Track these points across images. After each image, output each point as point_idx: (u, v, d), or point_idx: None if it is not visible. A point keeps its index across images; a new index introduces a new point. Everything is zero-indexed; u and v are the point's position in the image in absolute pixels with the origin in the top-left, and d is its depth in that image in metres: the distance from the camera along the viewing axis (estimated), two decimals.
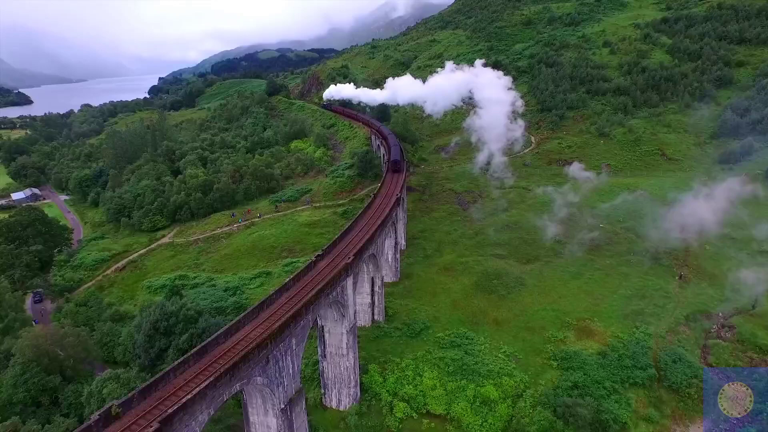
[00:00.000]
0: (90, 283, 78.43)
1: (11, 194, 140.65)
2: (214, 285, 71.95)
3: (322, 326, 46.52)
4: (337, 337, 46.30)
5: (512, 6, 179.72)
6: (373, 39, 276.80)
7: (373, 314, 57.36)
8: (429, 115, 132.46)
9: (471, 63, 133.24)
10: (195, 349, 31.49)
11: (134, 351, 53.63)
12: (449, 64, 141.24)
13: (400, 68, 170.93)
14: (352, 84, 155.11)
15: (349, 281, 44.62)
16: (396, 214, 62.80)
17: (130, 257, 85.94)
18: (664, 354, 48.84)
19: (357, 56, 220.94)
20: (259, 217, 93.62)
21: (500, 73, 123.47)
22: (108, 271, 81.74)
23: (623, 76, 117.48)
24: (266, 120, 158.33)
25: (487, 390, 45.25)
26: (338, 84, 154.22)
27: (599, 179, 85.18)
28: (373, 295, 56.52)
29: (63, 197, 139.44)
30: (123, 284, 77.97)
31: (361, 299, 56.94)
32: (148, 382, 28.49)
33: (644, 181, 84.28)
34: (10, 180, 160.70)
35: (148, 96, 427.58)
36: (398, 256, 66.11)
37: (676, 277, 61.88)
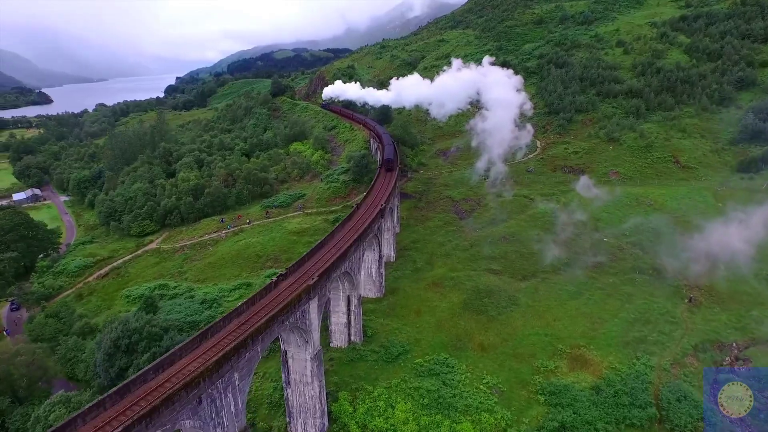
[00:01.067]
0: (69, 291, 76.02)
1: (12, 195, 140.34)
2: (192, 296, 68.76)
3: (286, 351, 42.63)
4: (301, 363, 42.35)
5: (524, 4, 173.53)
6: (384, 39, 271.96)
7: (349, 335, 53.28)
8: (433, 118, 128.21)
9: (479, 62, 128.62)
10: (114, 389, 27.82)
11: (95, 369, 50.55)
12: (456, 62, 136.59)
13: (406, 69, 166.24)
14: (358, 84, 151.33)
15: (313, 304, 40.57)
16: (379, 227, 58.58)
17: (115, 263, 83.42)
18: (667, 390, 43.69)
19: (366, 56, 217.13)
20: (248, 224, 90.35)
21: (510, 71, 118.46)
22: (90, 278, 79.28)
23: (636, 78, 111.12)
24: (268, 121, 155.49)
25: (464, 428, 40.80)
26: (338, 83, 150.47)
27: (605, 192, 79.37)
28: (349, 315, 52.43)
29: (63, 198, 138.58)
30: (103, 292, 75.33)
31: (336, 318, 53.14)
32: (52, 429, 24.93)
33: (655, 191, 78.45)
34: (16, 180, 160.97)
35: (163, 95, 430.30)
36: (383, 270, 61.88)
37: (686, 300, 56.43)
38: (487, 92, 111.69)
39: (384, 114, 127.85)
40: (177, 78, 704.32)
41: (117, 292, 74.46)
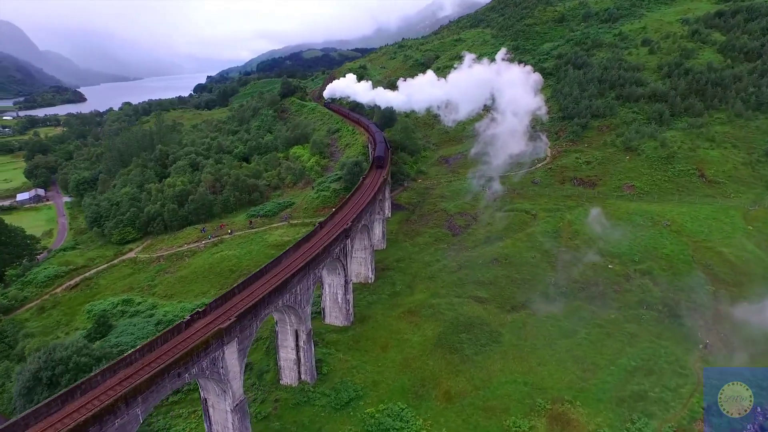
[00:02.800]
0: (34, 303, 72.36)
1: (17, 195, 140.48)
2: (152, 315, 63.85)
3: (205, 399, 36.65)
4: (221, 414, 36.28)
5: (545, 1, 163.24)
6: (403, 38, 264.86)
7: (299, 373, 46.89)
8: (440, 122, 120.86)
9: (493, 59, 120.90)
10: None
11: (13, 403, 45.86)
12: (468, 56, 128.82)
13: (419, 69, 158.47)
14: (368, 84, 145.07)
15: (230, 350, 34.36)
16: (342, 249, 51.92)
17: (87, 274, 79.53)
18: None
19: (383, 56, 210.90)
20: (230, 234, 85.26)
21: (528, 68, 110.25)
22: (58, 289, 75.53)
23: (662, 80, 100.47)
24: (273, 123, 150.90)
25: None
26: (341, 80, 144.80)
27: (617, 221, 70.30)
28: (298, 351, 46.03)
29: (65, 199, 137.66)
30: (67, 305, 71.38)
31: (285, 354, 46.90)
32: None
33: (674, 209, 68.85)
34: (26, 179, 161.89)
35: (193, 93, 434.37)
36: (350, 297, 55.18)
37: (701, 346, 47.54)
38: (500, 93, 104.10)
39: (387, 117, 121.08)
40: (207, 77, 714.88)
41: (81, 306, 70.34)
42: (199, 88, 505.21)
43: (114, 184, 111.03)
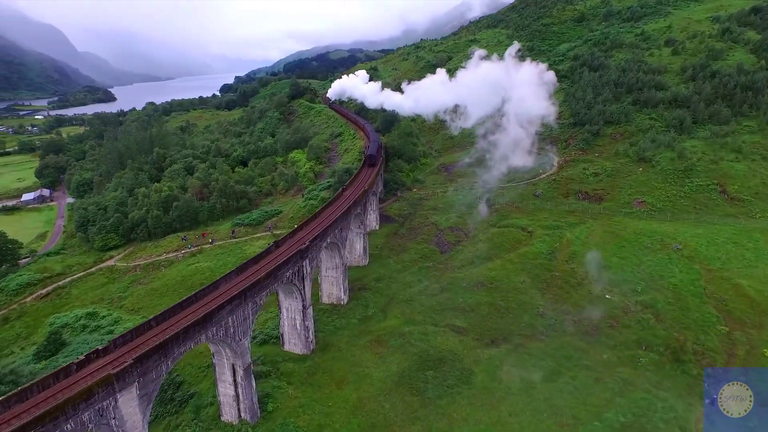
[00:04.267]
0: (0, 312, 69.98)
1: (23, 195, 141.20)
2: (111, 331, 60.12)
3: None
4: None
5: (565, 0, 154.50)
6: (422, 39, 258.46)
7: (239, 411, 41.87)
8: (445, 127, 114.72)
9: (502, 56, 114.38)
10: None
11: None
12: (477, 53, 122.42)
13: (430, 71, 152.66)
14: (375, 85, 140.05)
15: (126, 397, 29.56)
16: (297, 273, 46.72)
17: (61, 282, 76.97)
18: None
19: (397, 58, 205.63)
20: (210, 243, 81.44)
21: (542, 67, 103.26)
22: (28, 299, 73.05)
23: (685, 83, 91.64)
24: (277, 125, 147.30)
25: None
26: (345, 79, 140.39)
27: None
28: (236, 387, 41.04)
29: (69, 200, 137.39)
30: (33, 316, 68.63)
31: (223, 389, 41.97)
32: None
33: (688, 230, 60.95)
34: (36, 179, 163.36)
35: (217, 94, 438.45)
36: (309, 323, 49.90)
37: (707, 401, 40.13)
38: (507, 96, 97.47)
39: (389, 121, 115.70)
40: (235, 77, 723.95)
41: (47, 318, 67.46)
42: (224, 89, 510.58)
43: (108, 187, 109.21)
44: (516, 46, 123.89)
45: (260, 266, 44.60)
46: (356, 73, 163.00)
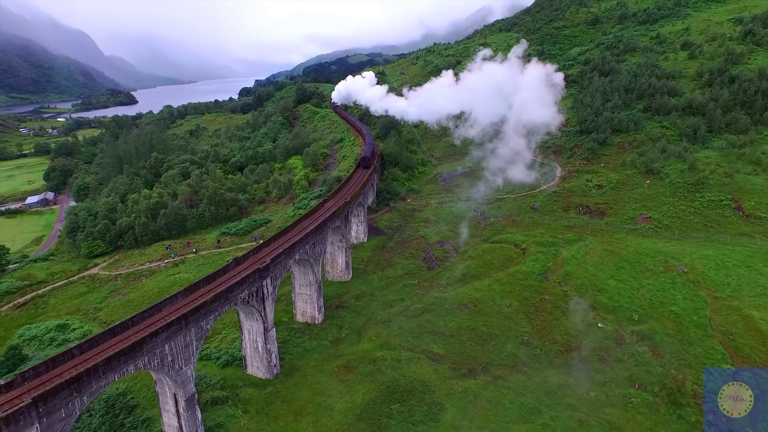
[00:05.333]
0: None
1: (27, 197, 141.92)
2: None
3: None
4: None
5: (579, 2, 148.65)
6: (435, 43, 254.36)
7: None
8: (447, 134, 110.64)
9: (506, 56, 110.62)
10: None
11: None
12: (481, 53, 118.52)
13: (437, 75, 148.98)
14: (381, 89, 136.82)
15: None
16: (256, 292, 43.27)
17: (42, 290, 75.29)
18: None
19: (407, 62, 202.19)
20: (194, 253, 78.90)
21: (550, 69, 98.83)
22: (5, 307, 71.44)
23: (701, 89, 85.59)
24: (279, 130, 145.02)
25: None
26: (350, 80, 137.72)
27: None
28: (179, 418, 37.71)
29: (72, 204, 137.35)
30: (5, 327, 66.57)
31: (167, 419, 38.81)
32: None
33: (696, 251, 55.49)
34: (44, 182, 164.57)
35: (234, 97, 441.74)
36: (271, 346, 46.36)
37: None
38: (511, 101, 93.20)
39: (388, 127, 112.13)
40: (255, 81, 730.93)
41: (19, 329, 65.54)
42: (243, 92, 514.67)
43: (103, 192, 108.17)
44: (523, 44, 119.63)
45: (213, 286, 41.27)
46: (363, 74, 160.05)
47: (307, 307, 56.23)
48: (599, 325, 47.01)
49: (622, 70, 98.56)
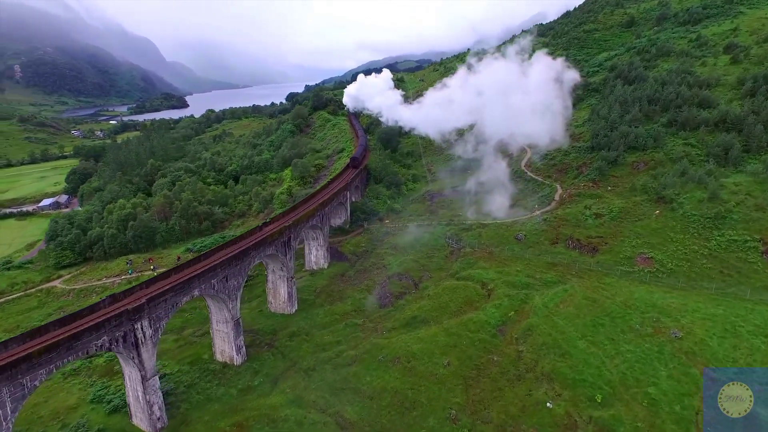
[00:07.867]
0: None
1: (42, 200, 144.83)
2: None
3: None
4: None
5: (615, 3, 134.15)
6: (468, 50, 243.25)
7: None
8: (448, 148, 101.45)
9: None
10: None
11: None
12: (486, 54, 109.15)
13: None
14: (396, 97, 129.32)
15: None
16: (125, 337, 36.49)
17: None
18: None
19: (431, 69, 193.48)
20: (152, 270, 74.04)
21: (558, 62, 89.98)
22: None
23: (740, 100, 71.54)
24: (286, 138, 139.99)
25: None
26: (359, 80, 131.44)
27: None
28: None
29: (78, 208, 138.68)
30: None
31: None
32: None
33: (702, 307, 43.39)
34: (66, 184, 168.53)
35: (284, 101, 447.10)
36: (153, 397, 39.32)
37: None
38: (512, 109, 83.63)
39: (387, 138, 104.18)
40: (305, 86, 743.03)
41: None
42: (290, 97, 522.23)
43: (94, 198, 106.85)
44: (528, 38, 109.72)
45: (64, 330, 34.84)
46: (376, 75, 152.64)
47: (224, 346, 49.07)
48: (548, 404, 36.53)
49: (649, 78, 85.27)
